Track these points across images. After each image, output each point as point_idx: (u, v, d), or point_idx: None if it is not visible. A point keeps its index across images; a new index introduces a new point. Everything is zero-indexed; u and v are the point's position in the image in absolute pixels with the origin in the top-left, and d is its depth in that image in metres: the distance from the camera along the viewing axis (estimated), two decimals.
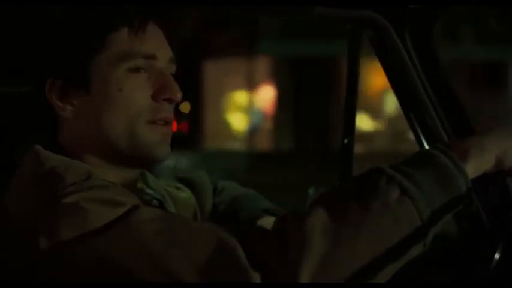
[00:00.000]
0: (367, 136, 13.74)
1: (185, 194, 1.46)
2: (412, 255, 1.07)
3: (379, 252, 1.04)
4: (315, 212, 1.06)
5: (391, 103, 13.56)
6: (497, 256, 1.27)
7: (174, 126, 1.29)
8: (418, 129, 1.68)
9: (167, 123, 1.25)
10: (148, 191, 1.30)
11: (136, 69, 1.22)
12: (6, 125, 1.39)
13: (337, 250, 1.03)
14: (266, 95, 14.81)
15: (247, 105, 15.09)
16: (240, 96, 15.22)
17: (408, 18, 1.65)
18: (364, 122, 13.95)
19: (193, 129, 13.87)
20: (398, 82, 1.69)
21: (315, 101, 14.14)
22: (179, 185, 1.47)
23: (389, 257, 1.05)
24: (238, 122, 15.26)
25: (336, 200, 1.08)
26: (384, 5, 1.61)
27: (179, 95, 1.24)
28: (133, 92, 1.21)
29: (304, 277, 1.02)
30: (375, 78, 12.03)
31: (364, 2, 1.60)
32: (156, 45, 1.25)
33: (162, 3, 1.27)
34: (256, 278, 1.03)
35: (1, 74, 1.36)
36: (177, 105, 1.28)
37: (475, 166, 1.11)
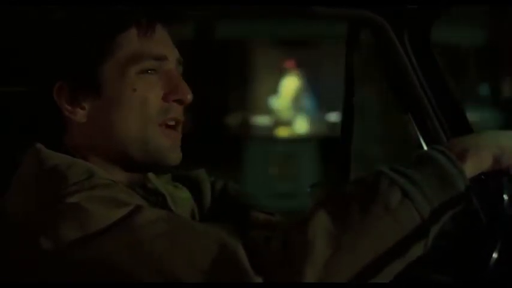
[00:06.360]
0: None
1: (183, 193, 1.45)
2: (413, 256, 1.08)
3: (381, 254, 1.05)
4: (317, 217, 1.07)
5: None
6: (495, 255, 1.27)
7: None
8: (416, 130, 1.68)
9: (176, 126, 1.25)
10: (151, 186, 1.29)
11: (147, 71, 1.22)
12: (8, 124, 1.38)
13: (339, 255, 1.04)
14: None
15: None
16: None
17: (407, 18, 1.65)
18: None
19: None
20: (396, 82, 1.70)
21: None
22: (177, 183, 1.47)
23: (391, 259, 1.06)
24: None
25: (338, 204, 1.09)
26: (382, 5, 1.61)
27: (189, 97, 1.24)
28: (146, 93, 1.21)
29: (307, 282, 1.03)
30: None
31: (363, 2, 1.60)
32: (166, 46, 1.25)
33: (165, 3, 1.26)
34: (258, 281, 1.03)
35: (7, 74, 1.36)
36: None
37: (473, 165, 1.12)
